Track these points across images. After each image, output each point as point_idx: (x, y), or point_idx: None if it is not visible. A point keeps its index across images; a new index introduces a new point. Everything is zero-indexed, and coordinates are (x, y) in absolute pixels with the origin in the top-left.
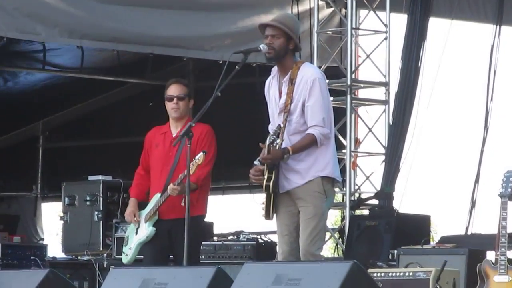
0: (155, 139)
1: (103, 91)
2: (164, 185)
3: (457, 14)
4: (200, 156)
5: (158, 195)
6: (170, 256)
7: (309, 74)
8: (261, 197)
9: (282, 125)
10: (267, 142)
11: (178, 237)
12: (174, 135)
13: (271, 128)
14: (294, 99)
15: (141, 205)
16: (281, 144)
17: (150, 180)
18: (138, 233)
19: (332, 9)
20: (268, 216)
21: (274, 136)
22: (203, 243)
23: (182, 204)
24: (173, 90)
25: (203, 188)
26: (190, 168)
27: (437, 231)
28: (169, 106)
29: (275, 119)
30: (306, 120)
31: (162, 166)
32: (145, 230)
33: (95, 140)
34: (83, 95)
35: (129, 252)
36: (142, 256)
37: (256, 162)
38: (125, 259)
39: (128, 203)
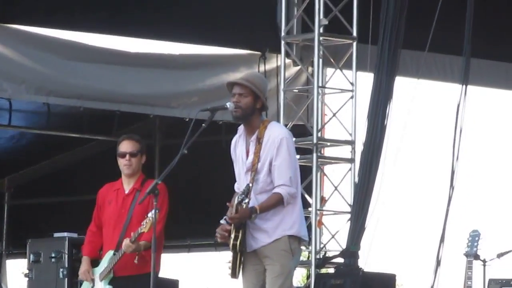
0: (108, 195)
1: (69, 148)
2: (117, 242)
3: (423, 74)
4: (152, 214)
5: (111, 252)
6: None
7: (276, 133)
8: (227, 255)
9: (250, 185)
10: (235, 201)
11: None
12: (126, 192)
13: (237, 187)
14: (261, 158)
15: (94, 263)
16: (249, 203)
17: (102, 237)
18: None
19: (298, 67)
20: (234, 275)
21: (243, 196)
22: None
23: (135, 261)
24: (125, 146)
25: (157, 246)
26: (145, 226)
27: None
28: (122, 162)
29: (241, 178)
30: (273, 179)
31: (115, 223)
32: None
33: (60, 197)
34: (49, 152)
35: None
36: None
37: (222, 221)
38: None
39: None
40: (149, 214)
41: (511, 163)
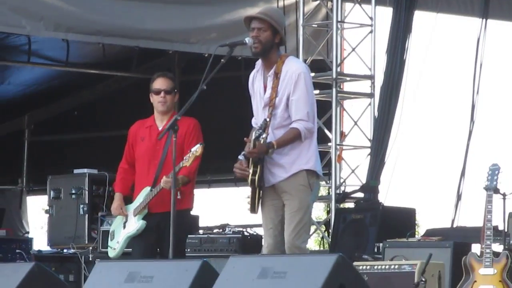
0: (139, 132)
1: (88, 85)
2: (154, 179)
3: (442, 8)
4: (197, 148)
5: (148, 188)
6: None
7: (294, 68)
8: (246, 190)
9: (268, 120)
10: (253, 136)
11: (167, 231)
12: (160, 129)
13: (255, 122)
14: (279, 93)
15: (125, 200)
16: (266, 138)
17: (134, 174)
18: (126, 227)
19: (317, 2)
20: (253, 209)
21: (260, 131)
22: (188, 236)
23: (178, 197)
24: (160, 83)
25: (192, 182)
26: (187, 160)
27: (421, 224)
28: (156, 99)
29: (259, 113)
30: (290, 114)
31: (150, 159)
32: (135, 223)
33: (80, 133)
34: (68, 89)
35: (116, 245)
36: (130, 249)
37: (240, 157)
38: (112, 253)
39: (113, 196)
40: (192, 149)
41: None
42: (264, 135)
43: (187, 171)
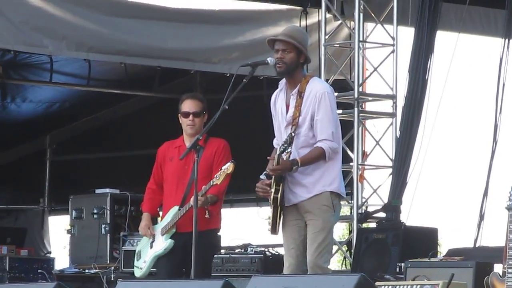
0: (169, 152)
1: (110, 104)
2: (182, 198)
3: (464, 28)
4: (228, 166)
5: (176, 208)
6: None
7: (318, 87)
8: (266, 211)
9: (293, 135)
10: (278, 151)
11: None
12: None
13: (276, 142)
14: (303, 112)
15: (152, 220)
16: (290, 153)
17: (162, 194)
18: (153, 246)
19: (339, 22)
20: (274, 230)
21: (285, 145)
22: None
23: (207, 216)
24: (188, 106)
25: (220, 201)
26: (218, 178)
27: (443, 244)
28: (185, 122)
29: (281, 133)
30: (315, 134)
31: (178, 179)
32: (163, 243)
33: (102, 153)
34: (90, 108)
35: (143, 265)
36: (155, 269)
37: (262, 176)
38: (138, 272)
39: (135, 216)
40: (223, 167)
41: None
42: (289, 150)
43: (217, 190)
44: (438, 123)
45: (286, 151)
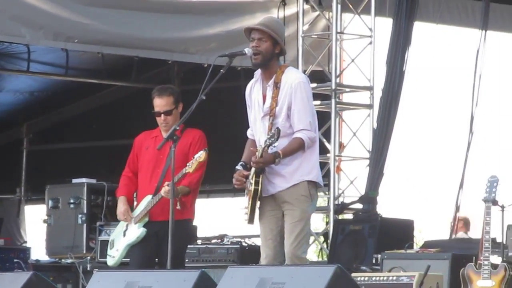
0: (145, 142)
1: (87, 94)
2: (156, 187)
3: (442, 19)
4: (201, 154)
5: (149, 196)
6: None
7: (293, 77)
8: (243, 201)
9: (279, 128)
10: (263, 145)
11: (166, 240)
12: None
13: (250, 133)
14: (279, 102)
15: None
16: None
17: (137, 183)
18: (126, 235)
19: (317, 13)
20: (251, 220)
21: (272, 139)
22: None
23: (178, 207)
24: (159, 105)
25: (194, 192)
26: (190, 167)
27: (419, 236)
28: (158, 121)
29: (257, 123)
30: (292, 124)
31: (153, 168)
32: (135, 231)
33: (79, 143)
34: (67, 98)
35: (115, 254)
36: (128, 259)
37: (238, 167)
38: (110, 261)
39: (112, 206)
40: (196, 155)
41: None
42: (276, 143)
43: (189, 180)
44: (415, 115)
45: (274, 145)
